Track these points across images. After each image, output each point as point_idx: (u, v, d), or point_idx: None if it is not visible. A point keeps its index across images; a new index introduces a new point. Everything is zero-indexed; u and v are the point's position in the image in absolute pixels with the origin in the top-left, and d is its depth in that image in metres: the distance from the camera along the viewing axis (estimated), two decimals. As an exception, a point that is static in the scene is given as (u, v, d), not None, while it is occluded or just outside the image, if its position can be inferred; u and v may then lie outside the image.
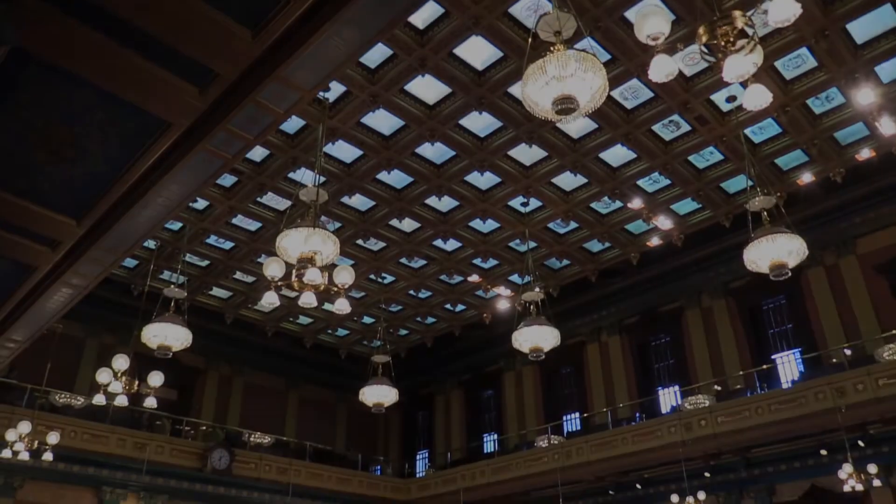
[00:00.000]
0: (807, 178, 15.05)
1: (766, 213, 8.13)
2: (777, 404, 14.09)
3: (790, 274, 7.69)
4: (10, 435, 11.09)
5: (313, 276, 6.04)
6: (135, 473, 15.87)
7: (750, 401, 14.80)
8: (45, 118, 5.34)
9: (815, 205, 15.76)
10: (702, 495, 14.23)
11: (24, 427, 11.07)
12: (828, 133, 13.83)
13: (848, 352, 14.61)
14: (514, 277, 18.53)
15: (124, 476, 15.91)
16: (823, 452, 14.67)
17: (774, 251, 7.50)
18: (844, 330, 15.27)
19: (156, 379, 9.31)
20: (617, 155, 14.50)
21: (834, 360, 14.81)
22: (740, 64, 3.95)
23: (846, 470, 12.16)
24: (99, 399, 9.13)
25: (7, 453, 11.15)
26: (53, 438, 11.35)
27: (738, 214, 15.46)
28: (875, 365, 13.36)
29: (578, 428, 19.55)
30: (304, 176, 13.69)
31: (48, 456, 11.50)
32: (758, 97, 4.50)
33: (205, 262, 17.79)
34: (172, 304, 10.21)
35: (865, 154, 14.39)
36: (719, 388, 16.53)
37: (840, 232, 15.93)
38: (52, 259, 7.26)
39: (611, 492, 18.17)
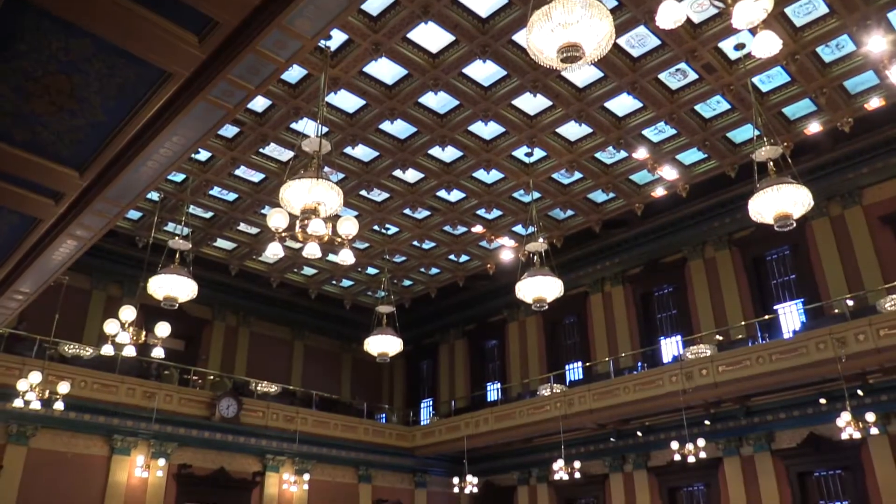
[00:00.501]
0: (814, 127, 14.86)
1: (772, 164, 8.04)
2: (778, 354, 14.20)
3: (795, 225, 7.66)
4: (22, 385, 11.26)
5: (317, 227, 6.03)
6: (144, 422, 16.17)
7: (751, 350, 14.91)
8: (43, 68, 5.28)
9: (822, 155, 15.62)
10: (701, 442, 14.45)
11: (35, 377, 11.24)
12: (837, 82, 13.59)
13: (850, 302, 14.64)
14: (518, 228, 18.51)
15: (134, 424, 16.22)
16: (822, 401, 14.85)
17: (779, 202, 7.45)
18: (847, 281, 15.30)
19: (163, 329, 9.39)
20: (622, 104, 14.31)
21: (836, 311, 14.86)
22: (750, 10, 3.86)
23: (844, 418, 12.29)
24: (107, 349, 9.22)
25: (19, 402, 11.35)
26: (64, 388, 11.53)
27: (744, 165, 15.32)
28: (877, 315, 13.40)
29: (581, 377, 19.79)
30: (307, 126, 13.60)
31: (59, 405, 11.69)
32: (767, 44, 4.42)
33: (209, 214, 17.78)
34: (177, 255, 10.24)
35: (875, 103, 14.18)
36: (721, 338, 16.66)
37: (846, 182, 15.82)
38: (56, 211, 7.27)
39: (612, 439, 18.49)
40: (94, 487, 15.50)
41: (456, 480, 18.65)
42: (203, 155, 15.37)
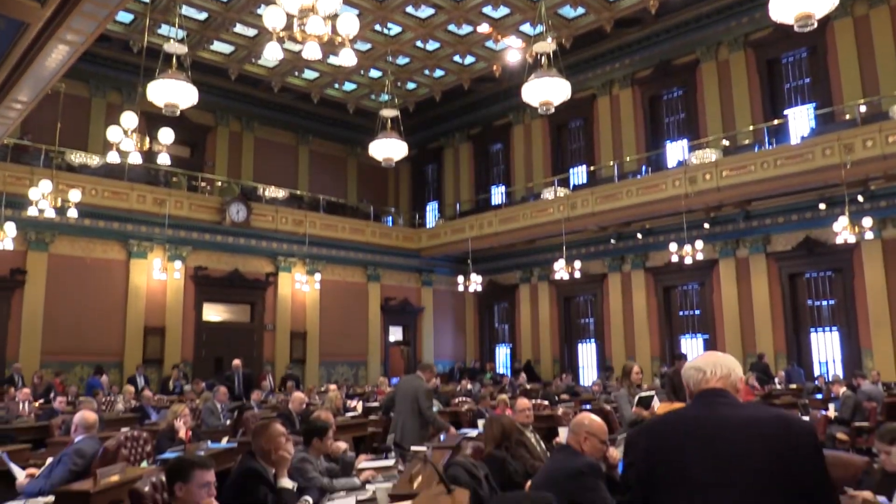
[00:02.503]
0: (851, -87, 13.68)
1: (800, -43, 7.50)
2: (783, 159, 14.18)
3: (815, 25, 7.30)
4: (34, 194, 11.41)
5: (316, 25, 5.79)
6: (158, 227, 16.62)
7: (756, 156, 14.88)
8: None
9: (857, -55, 14.55)
10: (699, 244, 14.90)
11: (46, 186, 11.35)
12: None
13: (863, 108, 14.35)
14: (526, 27, 17.72)
15: (148, 230, 16.70)
16: (822, 206, 15.07)
17: (804, -1, 7.05)
18: (864, 86, 14.86)
19: (166, 136, 9.32)
20: None
21: (847, 117, 14.61)
22: None
23: (841, 223, 12.52)
24: (113, 156, 9.22)
25: (33, 211, 11.57)
26: (75, 196, 11.67)
27: (770, -44, 14.30)
28: (887, 122, 13.18)
29: (585, 181, 19.95)
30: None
31: (73, 213, 11.90)
32: None
33: (202, 15, 16.97)
34: (174, 60, 9.93)
35: None
36: (727, 143, 16.56)
37: (879, -23, 14.87)
38: (43, 14, 6.97)
39: (612, 240, 19.06)
40: (115, 289, 16.31)
41: (461, 279, 19.50)
42: (191, -52, 14.39)
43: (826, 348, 15.80)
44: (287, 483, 3.76)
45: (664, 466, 1.98)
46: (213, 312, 18.38)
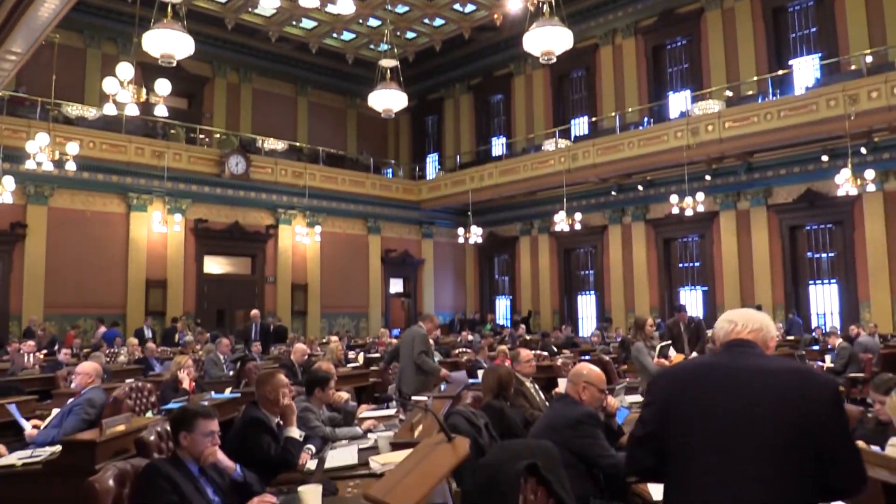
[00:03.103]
0: None
1: None
2: (787, 110, 14.04)
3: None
4: (31, 146, 11.31)
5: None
6: (157, 180, 16.55)
7: (759, 107, 14.73)
8: None
9: None
10: (700, 196, 14.86)
11: (43, 139, 11.25)
12: None
13: (869, 59, 14.12)
14: (528, -25, 17.34)
15: (147, 183, 16.63)
16: (824, 158, 14.97)
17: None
18: (871, 37, 14.59)
19: (162, 87, 9.20)
20: None
21: (853, 67, 14.40)
22: None
23: (844, 175, 12.46)
24: (110, 108, 9.11)
25: (31, 164, 11.49)
26: (73, 149, 11.58)
27: None
28: (893, 72, 12.98)
29: (586, 132, 19.78)
30: None
31: (71, 166, 11.82)
32: None
33: (196, -40, 16.63)
34: (169, 9, 9.74)
35: None
36: (731, 94, 16.37)
37: (888, -79, 14.48)
38: (35, -38, 6.82)
39: (613, 192, 19.00)
40: (116, 242, 16.33)
41: (461, 231, 19.50)
42: None
43: (824, 300, 15.89)
44: (294, 433, 3.83)
45: (678, 411, 1.98)
46: (214, 265, 18.44)
